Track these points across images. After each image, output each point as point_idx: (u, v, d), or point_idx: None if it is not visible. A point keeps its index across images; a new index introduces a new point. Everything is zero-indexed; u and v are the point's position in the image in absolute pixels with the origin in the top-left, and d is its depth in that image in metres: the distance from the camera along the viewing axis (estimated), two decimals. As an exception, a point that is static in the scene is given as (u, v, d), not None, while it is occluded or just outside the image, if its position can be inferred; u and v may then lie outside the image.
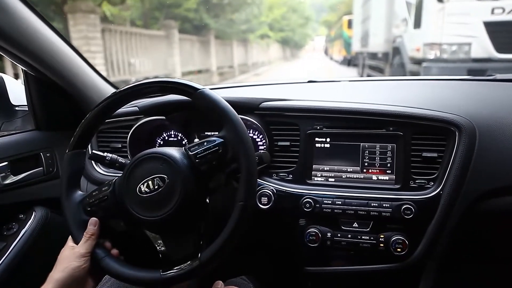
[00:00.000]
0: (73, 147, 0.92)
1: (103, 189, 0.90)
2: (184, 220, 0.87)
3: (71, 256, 0.83)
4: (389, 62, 8.06)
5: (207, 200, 0.91)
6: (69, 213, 0.90)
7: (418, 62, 6.00)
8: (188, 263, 0.81)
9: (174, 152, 0.86)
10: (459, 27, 5.37)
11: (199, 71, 13.23)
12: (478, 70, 5.17)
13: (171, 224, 0.86)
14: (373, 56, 10.04)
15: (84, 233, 0.86)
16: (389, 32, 8.27)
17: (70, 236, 0.89)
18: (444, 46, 5.53)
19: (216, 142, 0.86)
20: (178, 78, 0.91)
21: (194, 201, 0.85)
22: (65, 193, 0.91)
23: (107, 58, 8.59)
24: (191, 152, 0.86)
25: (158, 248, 0.88)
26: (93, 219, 0.88)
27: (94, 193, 0.90)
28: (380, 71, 8.98)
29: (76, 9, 7.82)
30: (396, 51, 7.40)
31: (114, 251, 0.90)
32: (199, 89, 0.87)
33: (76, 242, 0.86)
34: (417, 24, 6.07)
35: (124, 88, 0.91)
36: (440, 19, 5.43)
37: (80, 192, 0.93)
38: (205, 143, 0.86)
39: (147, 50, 10.30)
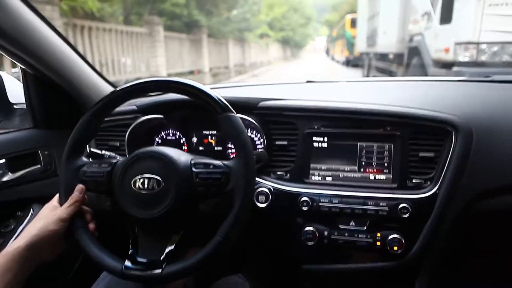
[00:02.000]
0: (91, 113, 0.92)
1: (102, 165, 0.91)
2: (164, 228, 0.88)
3: (50, 217, 0.85)
4: (404, 64, 7.11)
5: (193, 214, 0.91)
6: (64, 174, 0.91)
7: (445, 65, 4.96)
8: (150, 272, 0.82)
9: (180, 160, 0.86)
10: (504, 21, 4.22)
11: (191, 72, 12.43)
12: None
13: (151, 227, 0.88)
14: (382, 57, 9.13)
15: (70, 197, 0.87)
16: (404, 30, 7.29)
17: (57, 195, 0.91)
18: (483, 46, 4.38)
19: (221, 170, 0.85)
20: (209, 87, 0.90)
21: (180, 213, 0.86)
22: (67, 154, 0.91)
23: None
24: (195, 169, 0.86)
25: (130, 241, 0.89)
26: (80, 186, 0.89)
27: (94, 165, 0.91)
28: (391, 74, 8.03)
29: (27, -2, 6.64)
30: (414, 51, 6.37)
31: (92, 226, 0.91)
32: (229, 112, 0.86)
33: (60, 203, 0.88)
34: (446, 18, 4.95)
35: (158, 79, 0.90)
36: (479, 10, 4.25)
37: (82, 159, 0.94)
38: (211, 166, 0.86)
39: (125, 49, 9.19)
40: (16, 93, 1.41)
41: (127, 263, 0.84)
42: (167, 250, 0.85)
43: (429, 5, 5.64)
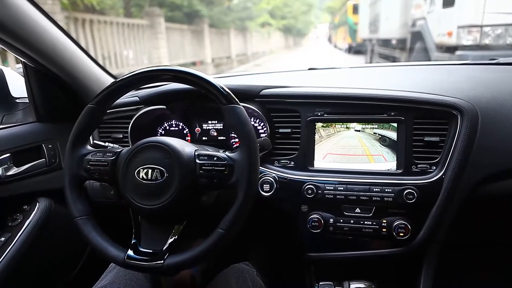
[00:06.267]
0: (96, 102, 0.92)
1: (107, 154, 0.91)
2: (167, 219, 0.88)
3: None
4: (407, 50, 7.05)
5: (196, 205, 0.91)
6: (68, 163, 0.91)
7: (449, 49, 4.94)
8: (152, 263, 0.83)
9: (184, 151, 0.86)
10: (507, 3, 4.20)
11: (193, 63, 12.32)
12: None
13: (154, 217, 0.88)
14: (385, 43, 9.08)
15: None
16: (407, 15, 7.20)
17: None
18: (486, 29, 4.34)
19: (225, 162, 0.84)
20: (213, 77, 0.89)
21: (183, 204, 0.86)
22: (71, 143, 0.91)
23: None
24: (199, 160, 0.86)
25: (134, 230, 0.90)
26: None
27: (98, 154, 0.91)
28: (394, 60, 7.96)
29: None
30: (417, 36, 6.30)
31: None
32: (234, 103, 0.86)
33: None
34: (449, 1, 4.91)
35: (160, 68, 0.89)
36: None
37: (87, 147, 0.94)
38: (215, 158, 0.85)
39: (127, 41, 9.11)
40: (18, 87, 1.41)
41: (130, 252, 0.84)
42: (169, 241, 0.86)
43: (432, -11, 5.58)
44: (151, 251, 0.85)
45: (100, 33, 8.18)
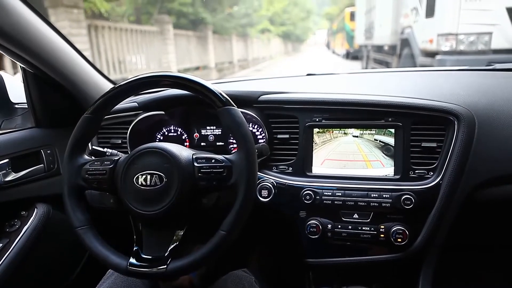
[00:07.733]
0: (91, 111, 0.92)
1: (105, 162, 0.90)
2: (168, 224, 0.88)
3: None
4: (397, 55, 7.57)
5: (196, 209, 0.91)
6: (66, 173, 0.91)
7: (430, 54, 5.51)
8: (155, 269, 0.83)
9: (182, 155, 0.86)
10: (478, 15, 4.82)
11: (197, 68, 12.75)
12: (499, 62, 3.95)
13: (155, 223, 0.88)
14: (379, 49, 9.57)
15: None
16: (397, 23, 7.75)
17: None
18: (461, 37, 4.99)
19: (223, 164, 0.85)
20: (210, 82, 0.90)
21: (183, 208, 0.86)
22: (68, 153, 0.91)
23: (95, 56, 7.90)
24: (197, 163, 0.86)
25: (135, 238, 0.89)
26: None
27: (96, 163, 0.91)
28: (387, 65, 8.53)
29: (57, 3, 6.95)
30: (405, 43, 6.88)
31: None
32: (228, 105, 0.86)
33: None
34: (430, 12, 5.53)
35: (156, 74, 0.89)
36: (457, 6, 4.87)
37: (84, 157, 0.93)
38: (213, 160, 0.86)
39: (139, 47, 9.70)
40: (17, 92, 1.42)
41: (132, 260, 0.84)
42: (171, 246, 0.86)
43: (417, 1, 6.20)
44: (153, 257, 0.85)
45: (117, 39, 8.65)
